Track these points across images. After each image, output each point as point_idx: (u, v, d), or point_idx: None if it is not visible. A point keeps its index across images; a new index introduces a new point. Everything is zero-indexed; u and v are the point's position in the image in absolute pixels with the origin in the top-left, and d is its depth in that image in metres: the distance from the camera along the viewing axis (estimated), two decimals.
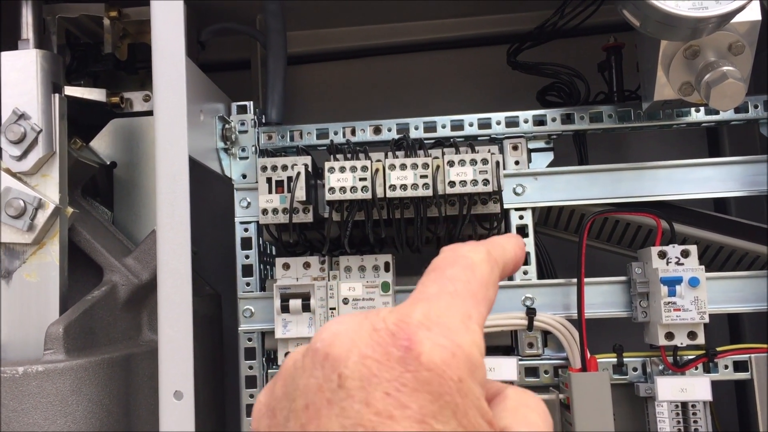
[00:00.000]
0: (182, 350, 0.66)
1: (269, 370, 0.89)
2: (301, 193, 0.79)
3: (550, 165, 0.89)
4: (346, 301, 0.81)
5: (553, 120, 0.89)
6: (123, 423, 0.75)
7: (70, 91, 0.89)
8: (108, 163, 0.96)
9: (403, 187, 0.77)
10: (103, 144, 0.97)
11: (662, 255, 0.80)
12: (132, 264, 0.86)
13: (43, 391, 0.69)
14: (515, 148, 0.88)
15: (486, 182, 0.77)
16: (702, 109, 0.87)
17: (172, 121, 0.70)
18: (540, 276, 0.88)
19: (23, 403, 0.68)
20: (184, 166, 0.69)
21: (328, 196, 0.78)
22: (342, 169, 0.78)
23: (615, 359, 0.84)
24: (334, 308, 0.81)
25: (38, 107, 0.81)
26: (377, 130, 0.92)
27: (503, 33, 1.12)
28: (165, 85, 0.70)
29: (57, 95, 0.83)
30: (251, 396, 0.88)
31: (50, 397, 0.69)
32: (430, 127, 0.91)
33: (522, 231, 0.87)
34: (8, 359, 0.79)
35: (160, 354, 0.66)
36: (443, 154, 0.79)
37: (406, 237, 0.82)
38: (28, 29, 0.84)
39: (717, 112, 0.87)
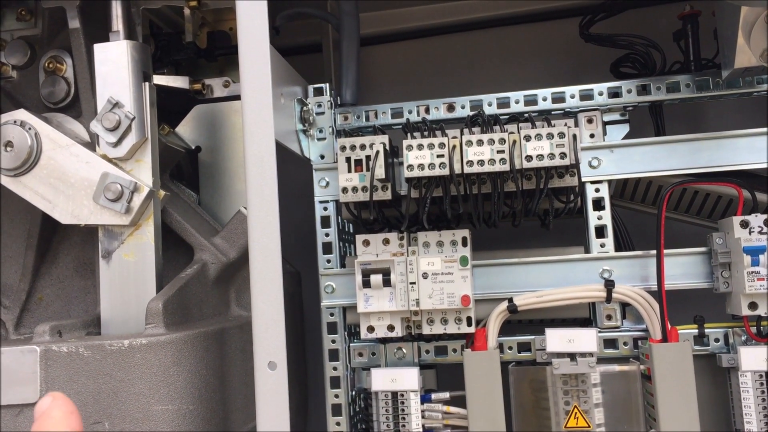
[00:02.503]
0: (275, 323, 0.69)
1: (351, 344, 0.92)
2: (380, 171, 0.82)
3: (626, 137, 0.88)
4: (425, 276, 0.83)
5: (629, 91, 0.88)
6: (219, 392, 0.80)
7: (157, 79, 0.94)
8: (193, 147, 1.01)
9: (481, 162, 0.79)
10: (187, 129, 1.02)
11: (744, 224, 0.79)
12: (220, 243, 0.90)
13: (147, 362, 0.73)
14: (590, 121, 0.88)
15: (563, 155, 0.77)
16: None
17: (259, 105, 0.73)
18: (617, 249, 0.88)
19: (129, 373, 0.73)
20: (271, 148, 0.72)
21: (407, 173, 0.80)
22: (420, 147, 0.80)
23: (696, 330, 0.84)
24: (414, 282, 0.84)
25: (131, 96, 0.85)
26: (451, 108, 0.93)
27: (574, 6, 1.12)
28: (251, 72, 0.73)
29: (147, 84, 0.87)
30: (334, 369, 0.91)
31: (153, 368, 0.74)
32: (504, 103, 0.92)
33: (598, 204, 0.87)
34: (110, 334, 0.85)
35: (255, 327, 0.70)
36: (519, 129, 0.80)
37: (483, 212, 0.84)
38: (118, 21, 0.89)
39: None
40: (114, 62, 0.86)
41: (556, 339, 0.82)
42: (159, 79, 0.96)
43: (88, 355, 0.74)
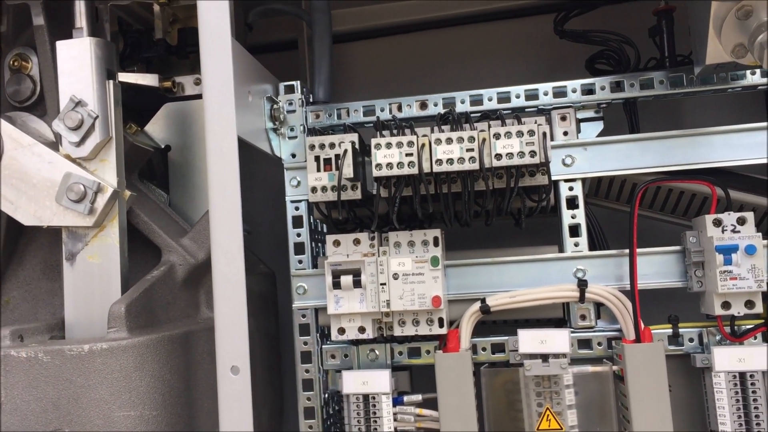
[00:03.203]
0: (237, 326, 0.68)
1: (323, 346, 0.91)
2: (348, 170, 0.80)
3: (601, 134, 0.87)
4: (396, 276, 0.82)
5: (602, 88, 0.87)
6: (184, 397, 0.78)
7: (124, 77, 0.92)
8: (163, 146, 0.99)
9: (450, 161, 0.77)
10: (157, 128, 1.00)
11: (717, 223, 0.78)
12: (188, 244, 0.88)
13: (108, 367, 0.72)
14: (563, 118, 0.87)
15: (533, 154, 0.76)
16: (758, 71, 0.84)
17: (221, 102, 0.71)
18: (591, 248, 0.87)
19: (90, 379, 0.72)
20: (233, 146, 0.70)
21: (375, 173, 0.78)
22: (388, 145, 0.78)
23: (670, 330, 0.83)
24: (385, 283, 0.82)
25: (94, 94, 0.84)
26: (423, 105, 0.92)
27: (548, 3, 1.10)
28: (212, 68, 0.72)
29: (111, 82, 0.86)
30: (306, 371, 0.90)
31: (115, 373, 0.72)
32: (477, 101, 0.91)
33: (572, 202, 0.86)
34: (74, 338, 0.83)
35: (217, 330, 0.68)
36: (489, 126, 0.79)
37: (455, 211, 0.82)
38: (81, 18, 0.87)
39: None
40: (77, 59, 0.84)
41: (529, 340, 0.81)
42: (126, 77, 0.94)
43: (48, 360, 0.72)
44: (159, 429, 0.73)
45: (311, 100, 0.97)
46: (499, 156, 0.76)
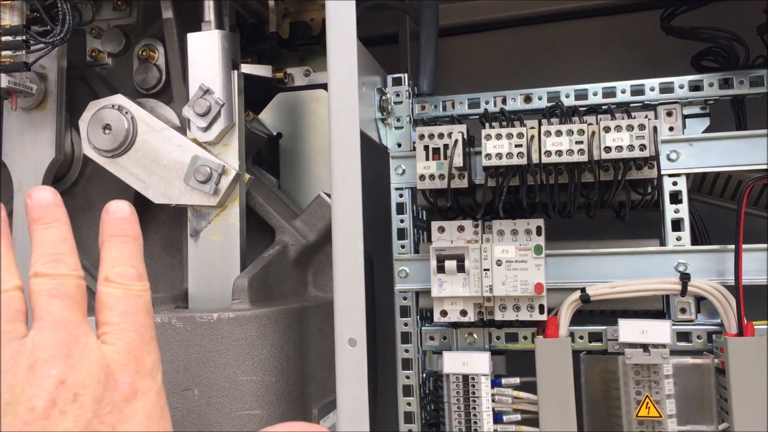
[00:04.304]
0: (356, 302, 0.72)
1: (423, 328, 0.95)
2: (458, 160, 0.84)
3: (706, 131, 0.88)
4: (499, 263, 0.85)
5: (710, 85, 0.88)
6: (299, 367, 0.84)
7: (245, 68, 0.98)
8: (275, 133, 1.05)
9: (559, 153, 0.80)
10: (269, 116, 1.06)
11: None
12: (300, 226, 0.94)
13: (234, 335, 0.78)
14: (669, 114, 0.88)
15: (642, 147, 0.78)
16: None
17: (345, 96, 0.76)
18: (694, 243, 0.88)
19: (217, 344, 0.78)
20: (355, 136, 0.75)
21: (485, 162, 0.82)
22: (498, 136, 0.82)
23: None
24: (488, 269, 0.85)
25: (220, 83, 0.90)
26: (528, 99, 0.95)
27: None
28: (339, 64, 0.76)
29: (236, 72, 0.92)
30: (406, 351, 0.94)
31: (239, 341, 0.78)
32: (582, 95, 0.92)
33: (675, 197, 0.87)
34: (195, 308, 0.90)
35: (336, 305, 0.73)
36: (598, 120, 0.81)
37: (559, 202, 0.85)
38: (210, 12, 0.93)
39: None
40: (205, 51, 0.91)
41: (629, 329, 0.82)
42: (244, 68, 1.00)
43: (180, 326, 0.78)
44: (277, 394, 0.78)
45: (416, 92, 1.01)
46: (608, 149, 0.78)
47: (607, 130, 0.78)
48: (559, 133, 0.80)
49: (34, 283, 0.41)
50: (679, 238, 0.87)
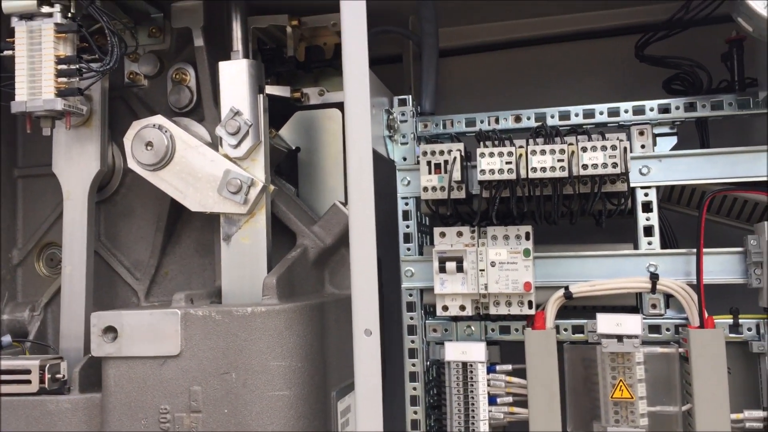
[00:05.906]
0: (371, 296, 0.85)
1: (426, 321, 1.07)
2: (457, 174, 0.96)
3: (674, 149, 1.00)
4: (493, 264, 0.97)
5: (677, 108, 1.00)
6: (320, 354, 0.97)
7: (268, 89, 1.10)
8: (294, 148, 1.17)
9: (543, 169, 0.92)
10: (289, 132, 1.18)
11: None
12: (318, 231, 1.06)
13: (266, 326, 0.90)
14: (641, 133, 1.00)
15: (615, 165, 0.91)
16: None
17: (359, 118, 0.88)
18: (663, 246, 1.00)
19: (252, 334, 0.90)
20: (368, 153, 0.87)
21: (480, 177, 0.94)
22: (491, 155, 0.94)
23: (731, 320, 0.95)
24: (483, 269, 0.98)
25: (248, 106, 1.02)
26: (518, 119, 1.07)
27: (631, 24, 1.23)
28: (354, 85, 0.88)
29: (261, 95, 1.04)
30: (412, 342, 1.06)
31: (270, 332, 0.90)
32: (565, 116, 1.04)
33: (647, 206, 0.98)
34: (229, 303, 1.02)
35: (354, 299, 0.85)
36: (577, 140, 0.93)
37: (544, 211, 0.97)
38: (237, 42, 1.06)
39: None
40: (235, 78, 1.03)
41: (606, 322, 0.94)
42: (267, 89, 1.12)
43: (219, 318, 0.91)
44: (303, 377, 0.91)
45: (418, 111, 1.13)
46: (585, 166, 0.91)
47: (584, 150, 0.91)
48: (543, 152, 0.92)
49: None
50: (650, 243, 0.99)
